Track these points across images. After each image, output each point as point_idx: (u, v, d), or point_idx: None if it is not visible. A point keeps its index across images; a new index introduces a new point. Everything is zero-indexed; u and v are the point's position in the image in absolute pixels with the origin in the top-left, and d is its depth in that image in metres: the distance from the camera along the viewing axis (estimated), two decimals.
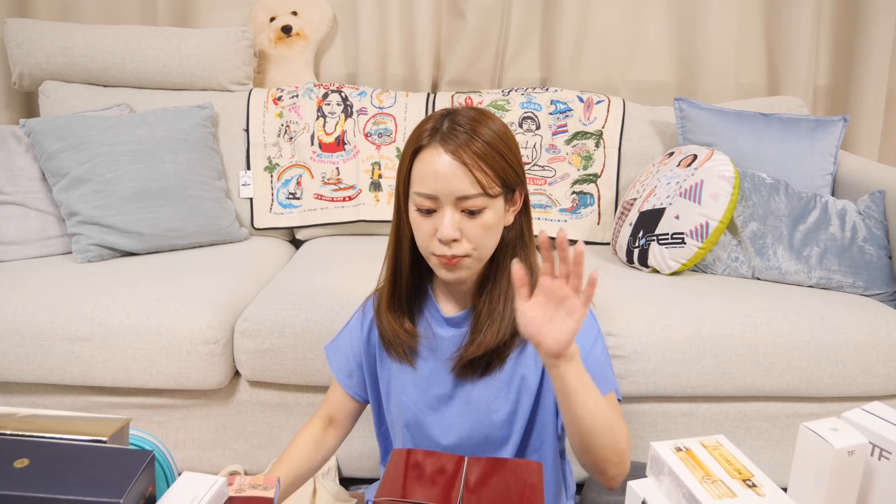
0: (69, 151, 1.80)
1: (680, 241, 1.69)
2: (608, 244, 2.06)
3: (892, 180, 1.74)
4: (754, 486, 0.66)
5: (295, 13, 2.27)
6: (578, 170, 2.06)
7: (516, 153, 0.99)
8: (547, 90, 2.12)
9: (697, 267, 1.77)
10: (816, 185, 1.90)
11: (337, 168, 2.07)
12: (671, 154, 1.91)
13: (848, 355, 1.51)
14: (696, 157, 1.78)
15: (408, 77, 2.33)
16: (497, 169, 0.95)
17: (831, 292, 1.66)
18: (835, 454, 0.69)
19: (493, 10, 2.23)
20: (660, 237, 1.72)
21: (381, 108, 2.09)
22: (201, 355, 1.50)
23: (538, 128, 2.06)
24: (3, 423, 0.72)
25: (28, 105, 2.31)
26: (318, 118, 2.08)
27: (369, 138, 2.07)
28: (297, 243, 2.16)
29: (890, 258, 1.70)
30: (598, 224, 2.06)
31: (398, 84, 2.32)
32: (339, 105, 2.09)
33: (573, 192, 2.06)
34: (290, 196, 2.08)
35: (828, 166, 1.93)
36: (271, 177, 2.08)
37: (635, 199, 1.86)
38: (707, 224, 1.67)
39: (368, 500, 1.20)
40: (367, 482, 1.67)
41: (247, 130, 2.08)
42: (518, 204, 1.02)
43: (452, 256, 0.96)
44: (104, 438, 0.70)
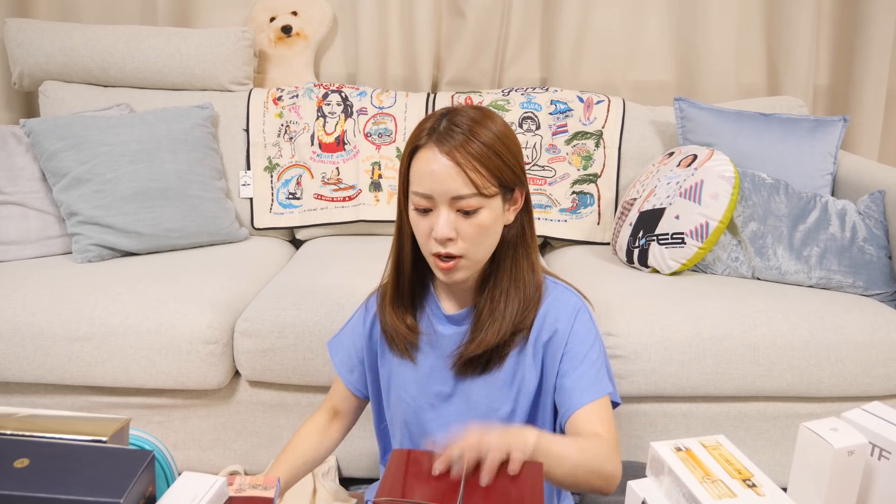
0: (69, 151, 1.80)
1: (680, 241, 1.69)
2: (608, 244, 2.06)
3: (892, 180, 1.74)
4: (754, 486, 0.66)
5: (295, 13, 2.27)
6: (578, 170, 2.06)
7: (515, 153, 0.99)
8: (547, 90, 2.12)
9: (697, 267, 1.77)
10: (816, 185, 1.90)
11: (337, 168, 2.06)
12: (671, 154, 1.91)
13: (848, 355, 1.51)
14: (696, 157, 1.78)
15: (408, 77, 2.32)
16: (492, 169, 0.95)
17: (831, 292, 1.66)
18: (835, 454, 0.69)
19: (493, 10, 2.23)
20: (660, 237, 1.72)
21: (381, 108, 2.09)
22: (201, 355, 1.50)
23: (538, 128, 2.06)
24: (3, 423, 0.72)
25: (28, 105, 2.31)
26: (318, 118, 2.07)
27: (369, 138, 2.07)
28: (297, 243, 2.16)
29: (890, 258, 1.70)
30: (598, 224, 2.06)
31: (398, 84, 2.32)
32: (339, 105, 2.09)
33: (573, 192, 2.06)
34: (290, 196, 2.08)
35: (828, 166, 1.93)
36: (271, 177, 2.08)
37: (635, 199, 1.86)
38: (707, 224, 1.67)
39: (368, 500, 1.20)
40: (367, 482, 1.67)
41: (247, 130, 2.08)
42: (519, 203, 1.02)
43: (448, 258, 0.97)
44: (104, 438, 0.70)
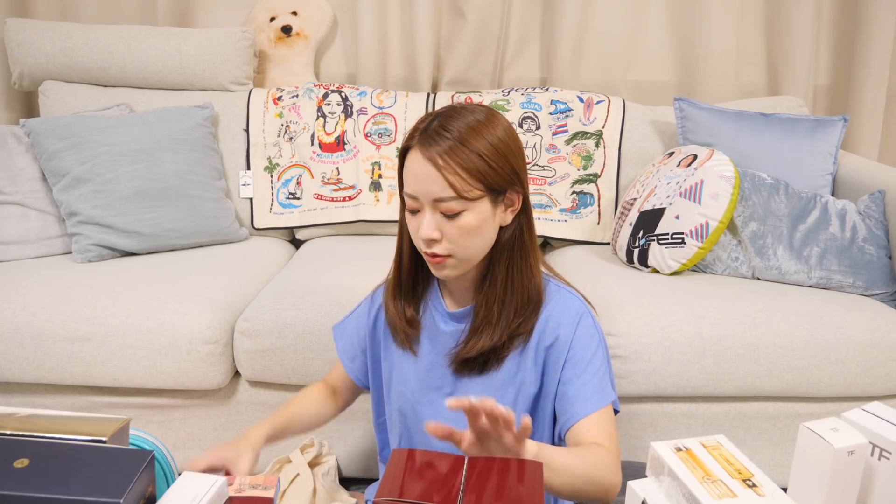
0: (69, 151, 1.80)
1: (680, 240, 1.69)
2: (608, 244, 2.06)
3: (892, 180, 1.74)
4: (754, 486, 0.66)
5: (295, 13, 2.27)
6: (578, 170, 2.06)
7: (507, 156, 0.97)
8: (547, 90, 2.12)
9: (697, 267, 1.77)
10: (816, 185, 1.90)
11: (337, 168, 2.06)
12: (671, 154, 1.91)
13: (848, 355, 1.51)
14: (696, 157, 1.78)
15: (408, 77, 2.32)
16: (475, 173, 0.94)
17: (831, 292, 1.66)
18: (835, 454, 0.69)
19: (493, 10, 2.23)
20: (660, 237, 1.72)
21: (381, 108, 2.09)
22: (201, 355, 1.50)
23: (538, 128, 2.06)
24: (3, 423, 0.72)
25: (28, 105, 2.31)
26: (318, 118, 2.07)
27: (369, 138, 2.07)
28: (297, 243, 2.16)
29: (890, 258, 1.70)
30: (598, 224, 2.06)
31: (398, 84, 2.32)
32: (339, 105, 2.09)
33: (573, 192, 2.06)
34: (290, 196, 2.08)
35: (828, 166, 1.93)
36: (271, 177, 2.08)
37: (635, 199, 1.86)
38: (707, 224, 1.67)
39: (368, 500, 1.21)
40: (367, 482, 1.67)
41: (247, 130, 2.08)
42: (517, 205, 1.00)
43: (434, 255, 0.98)
44: (104, 438, 0.70)
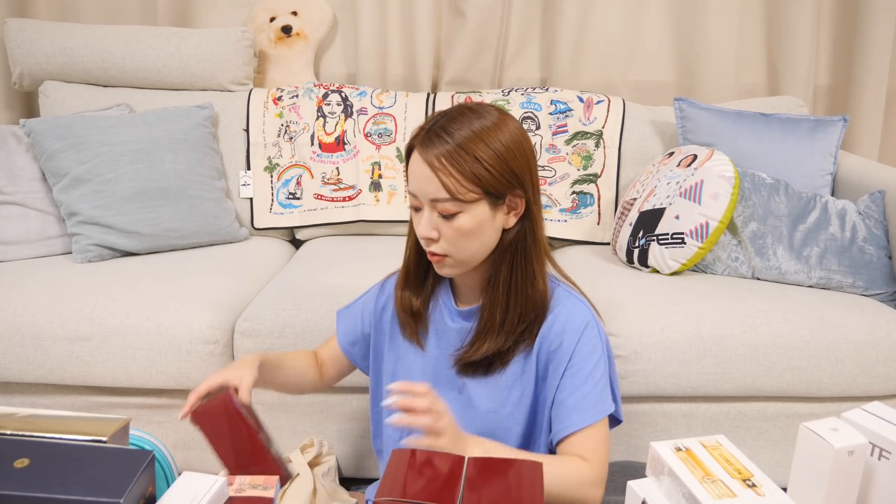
0: (69, 151, 1.80)
1: (680, 241, 1.69)
2: (608, 244, 2.06)
3: (892, 180, 1.74)
4: (754, 486, 0.66)
5: (295, 13, 2.27)
6: (578, 170, 2.06)
7: (508, 160, 0.96)
8: (547, 90, 2.12)
9: (697, 267, 1.77)
10: (816, 185, 1.90)
11: (337, 168, 2.06)
12: (671, 154, 1.91)
13: (848, 355, 1.51)
14: (696, 157, 1.78)
15: (408, 77, 2.32)
16: (470, 176, 0.94)
17: (831, 292, 1.66)
18: (835, 454, 0.69)
19: (493, 10, 2.23)
20: (660, 237, 1.72)
21: (381, 108, 2.09)
22: (201, 355, 1.50)
23: (538, 128, 2.06)
24: (3, 423, 0.72)
25: (28, 105, 2.31)
26: (318, 118, 2.07)
27: (369, 138, 2.07)
28: (297, 243, 2.16)
29: (890, 258, 1.70)
30: (598, 224, 2.06)
31: (398, 84, 2.32)
32: (339, 105, 2.09)
33: (573, 192, 2.06)
34: (290, 196, 2.08)
35: (828, 166, 1.93)
36: (271, 177, 2.08)
37: (635, 199, 1.86)
38: (707, 224, 1.67)
39: (368, 500, 1.21)
40: (367, 482, 1.67)
41: (247, 130, 2.08)
42: (520, 208, 1.00)
43: (433, 254, 1.00)
44: (104, 438, 0.70)
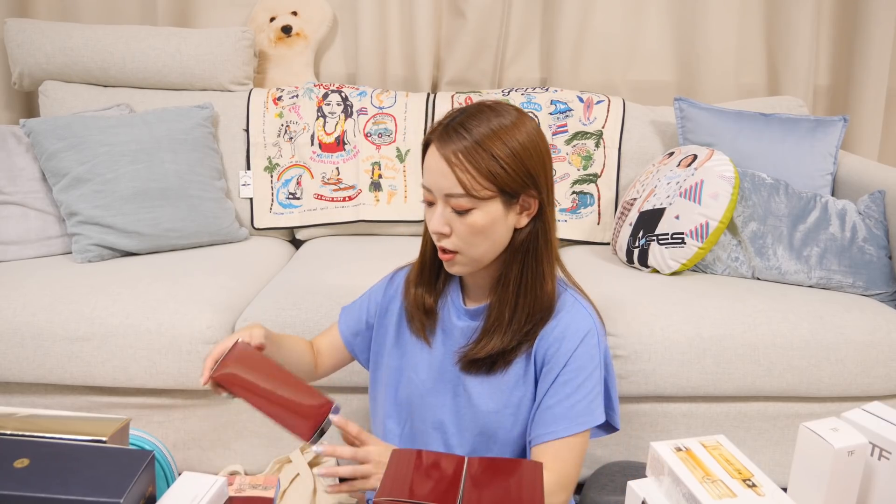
0: (69, 151, 1.80)
1: (680, 241, 1.69)
2: (608, 244, 2.06)
3: (892, 180, 1.74)
4: (754, 486, 0.66)
5: (295, 13, 2.27)
6: (578, 170, 2.06)
7: (524, 160, 0.96)
8: (547, 90, 2.12)
9: (697, 267, 1.77)
10: (816, 185, 1.90)
11: (337, 168, 2.06)
12: (671, 154, 1.91)
13: (848, 355, 1.51)
14: (696, 157, 1.78)
15: (408, 77, 2.32)
16: (486, 173, 0.94)
17: (831, 292, 1.66)
18: (835, 454, 0.69)
19: (493, 10, 2.23)
20: (660, 237, 1.72)
21: (381, 108, 2.09)
22: (201, 355, 1.50)
23: None
24: (3, 423, 0.72)
25: (28, 105, 2.31)
26: (318, 118, 2.07)
27: (369, 138, 2.07)
28: (297, 243, 2.16)
29: (890, 258, 1.70)
30: (598, 224, 2.06)
31: (398, 84, 2.32)
32: (339, 105, 2.09)
33: (573, 192, 2.06)
34: (290, 196, 2.08)
35: (828, 166, 1.93)
36: (271, 177, 2.08)
37: (635, 199, 1.86)
38: (707, 224, 1.67)
39: (369, 500, 1.20)
40: None
41: (247, 130, 2.08)
42: (533, 209, 1.00)
43: (444, 250, 1.00)
44: (104, 438, 0.70)
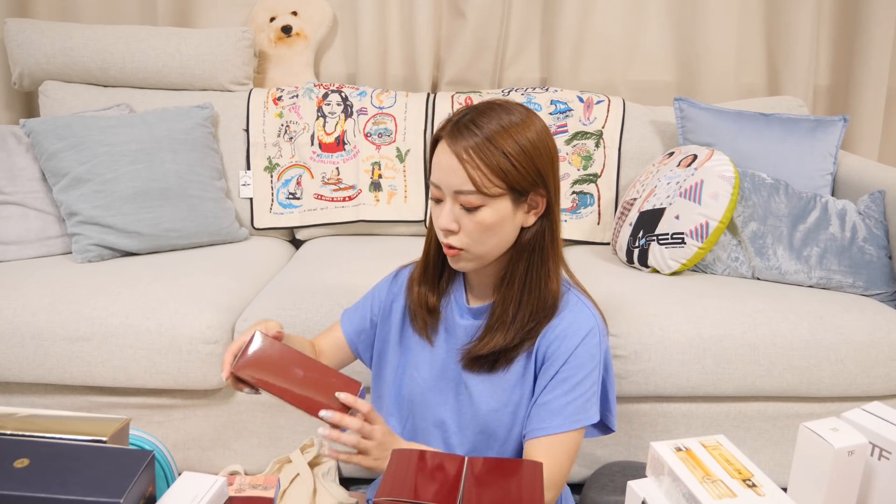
0: (69, 151, 1.80)
1: (680, 241, 1.69)
2: (608, 244, 2.06)
3: (892, 180, 1.74)
4: (754, 486, 0.66)
5: (295, 13, 2.27)
6: (578, 170, 2.06)
7: (535, 160, 0.97)
8: (547, 90, 2.12)
9: (697, 267, 1.77)
10: (816, 185, 1.90)
11: (337, 168, 2.06)
12: (671, 154, 1.91)
13: (848, 355, 1.51)
14: (696, 157, 1.78)
15: (408, 77, 2.32)
16: (497, 170, 0.95)
17: (831, 292, 1.66)
18: (835, 454, 0.69)
19: (493, 10, 2.23)
20: (660, 237, 1.72)
21: (381, 108, 2.09)
22: (201, 355, 1.50)
23: None
24: (3, 423, 0.72)
25: (28, 105, 2.31)
26: (318, 118, 2.07)
27: (369, 138, 2.07)
28: (297, 243, 2.16)
29: (890, 258, 1.70)
30: (598, 224, 2.06)
31: (398, 84, 2.32)
32: (339, 105, 2.09)
33: (573, 192, 2.06)
34: (290, 196, 2.08)
35: (828, 166, 1.93)
36: (271, 177, 2.08)
37: (635, 199, 1.86)
38: (707, 224, 1.67)
39: (369, 500, 1.21)
40: (367, 482, 1.67)
41: (247, 130, 2.08)
42: (540, 207, 1.01)
43: (450, 247, 0.99)
44: (104, 438, 0.70)
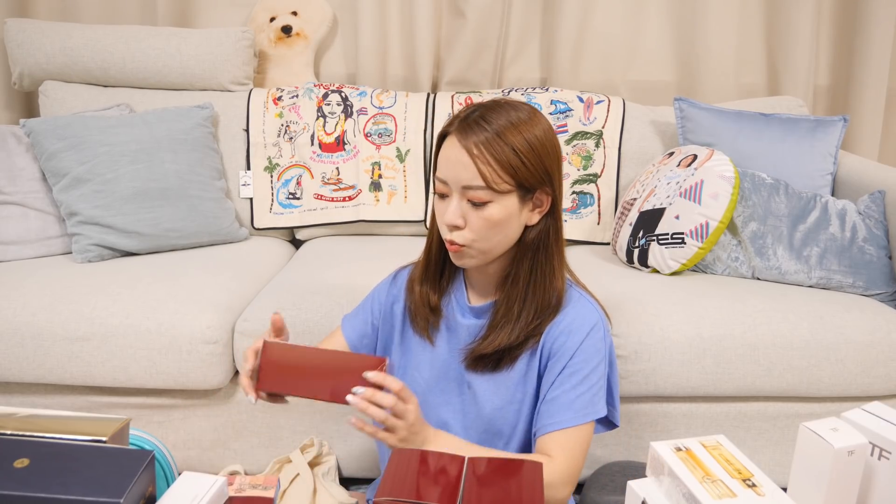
0: (69, 151, 1.80)
1: (680, 241, 1.69)
2: (608, 244, 2.06)
3: (892, 180, 1.74)
4: (754, 486, 0.66)
5: (295, 13, 2.27)
6: (578, 170, 2.06)
7: (542, 157, 0.98)
8: (547, 90, 2.12)
9: (697, 267, 1.77)
10: (816, 185, 1.90)
11: (337, 168, 2.06)
12: (671, 154, 1.91)
13: (848, 355, 1.51)
14: (696, 157, 1.78)
15: (408, 77, 2.32)
16: (507, 166, 0.95)
17: (831, 292, 1.66)
18: (835, 454, 0.69)
19: (493, 10, 2.23)
20: (660, 237, 1.72)
21: (381, 108, 2.09)
22: (201, 355, 1.50)
23: None
24: (3, 423, 0.72)
25: (28, 105, 2.31)
26: (318, 118, 2.07)
27: (369, 138, 2.07)
28: (297, 243, 2.16)
29: (890, 258, 1.70)
30: (598, 224, 2.06)
31: (398, 84, 2.32)
32: (339, 105, 2.09)
33: (573, 192, 2.06)
34: (290, 196, 2.08)
35: (828, 166, 1.93)
36: (271, 177, 2.08)
37: (635, 199, 1.86)
38: (707, 224, 1.67)
39: (369, 500, 1.21)
40: (367, 482, 1.67)
41: (247, 130, 2.08)
42: (545, 206, 1.01)
43: (452, 242, 0.99)
44: (104, 438, 0.70)
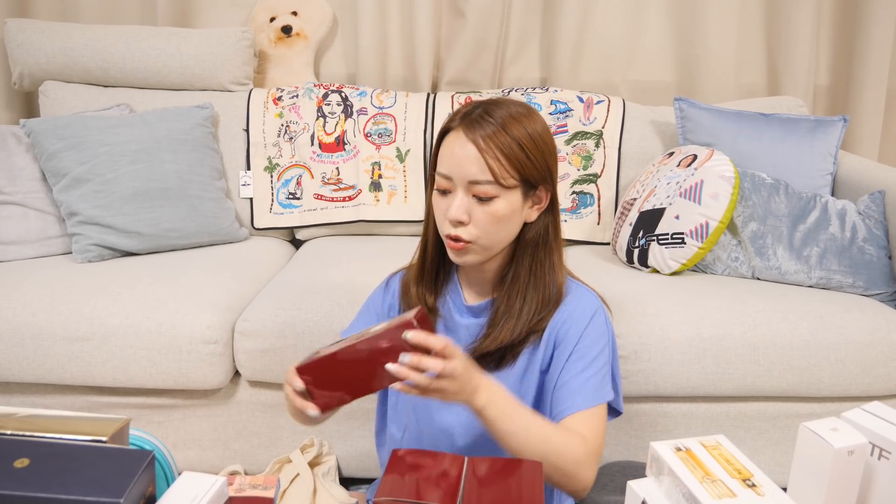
0: (69, 151, 1.80)
1: (680, 241, 1.69)
2: (608, 244, 2.06)
3: (892, 180, 1.74)
4: (754, 486, 0.66)
5: (295, 13, 2.27)
6: (578, 170, 2.06)
7: (544, 153, 0.99)
8: (547, 90, 2.12)
9: (697, 267, 1.77)
10: (816, 185, 1.90)
11: (337, 168, 2.06)
12: (671, 154, 1.91)
13: (848, 355, 1.51)
14: (696, 157, 1.78)
15: (408, 77, 2.32)
16: (514, 161, 0.96)
17: (831, 292, 1.66)
18: (835, 454, 0.69)
19: (493, 10, 2.23)
20: (660, 237, 1.72)
21: (381, 108, 2.09)
22: (201, 355, 1.50)
23: None
24: (3, 423, 0.72)
25: (28, 105, 2.31)
26: (318, 118, 2.07)
27: (369, 138, 2.07)
28: (297, 243, 2.16)
29: (890, 258, 1.70)
30: (598, 224, 2.06)
31: (398, 84, 2.32)
32: (339, 105, 2.09)
33: (573, 192, 2.06)
34: (290, 196, 2.08)
35: (828, 166, 1.93)
36: (271, 177, 2.08)
37: (635, 199, 1.86)
38: (707, 224, 1.67)
39: (369, 500, 1.21)
40: (367, 482, 1.67)
41: (247, 130, 2.08)
42: (544, 203, 1.02)
43: (457, 239, 0.98)
44: (104, 438, 0.70)
